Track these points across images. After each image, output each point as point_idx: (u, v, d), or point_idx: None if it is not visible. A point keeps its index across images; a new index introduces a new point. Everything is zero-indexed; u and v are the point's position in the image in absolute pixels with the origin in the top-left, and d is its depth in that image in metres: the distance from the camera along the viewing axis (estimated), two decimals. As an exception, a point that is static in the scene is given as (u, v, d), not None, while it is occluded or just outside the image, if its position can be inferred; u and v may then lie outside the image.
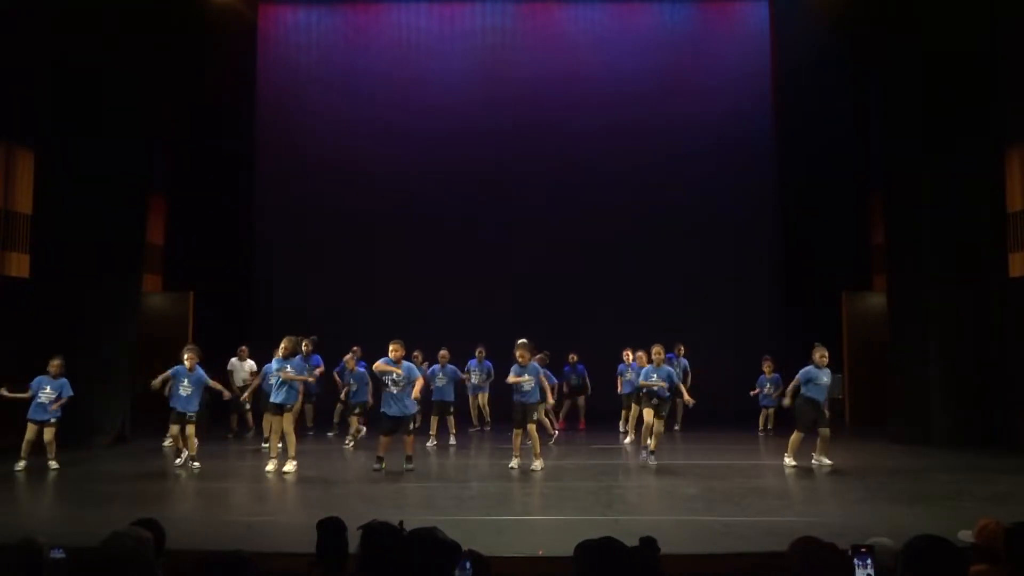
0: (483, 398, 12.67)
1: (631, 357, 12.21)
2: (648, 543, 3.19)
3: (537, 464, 9.06)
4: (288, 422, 9.22)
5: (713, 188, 15.41)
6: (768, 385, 12.50)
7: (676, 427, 12.90)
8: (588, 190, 15.39)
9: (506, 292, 15.03)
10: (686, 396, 10.15)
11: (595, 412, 13.61)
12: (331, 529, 3.49)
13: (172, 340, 12.13)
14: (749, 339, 14.49)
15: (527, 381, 9.09)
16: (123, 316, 11.71)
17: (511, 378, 9.16)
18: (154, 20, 11.87)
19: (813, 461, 9.32)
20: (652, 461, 9.44)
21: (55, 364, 9.45)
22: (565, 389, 13.30)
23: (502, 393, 12.38)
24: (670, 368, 10.04)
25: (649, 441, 9.65)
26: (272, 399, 9.29)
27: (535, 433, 9.17)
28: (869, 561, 2.89)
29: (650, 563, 3.11)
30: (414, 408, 9.20)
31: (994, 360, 11.08)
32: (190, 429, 9.39)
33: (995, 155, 11.28)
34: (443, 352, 11.64)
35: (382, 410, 9.15)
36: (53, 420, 9.38)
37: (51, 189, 11.37)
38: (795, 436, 9.33)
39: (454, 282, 15.11)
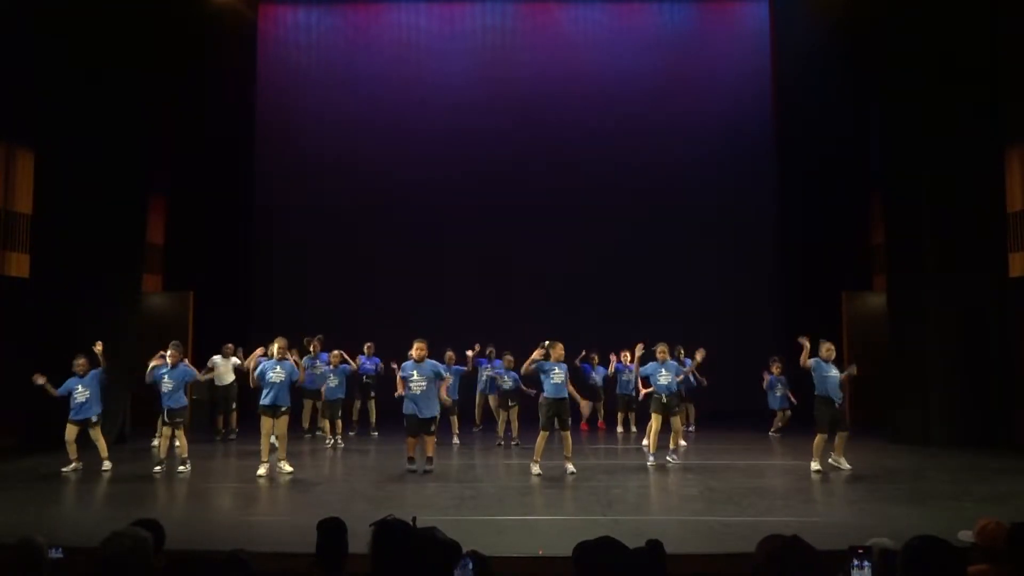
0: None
1: (629, 357, 12.31)
2: (654, 546, 3.18)
3: (536, 468, 8.91)
4: (283, 424, 9.12)
5: (713, 188, 15.41)
6: (779, 386, 12.45)
7: (691, 428, 12.69)
8: (588, 190, 15.40)
9: (506, 291, 15.03)
10: (698, 375, 10.11)
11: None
12: (331, 529, 3.49)
13: (172, 340, 12.11)
14: (750, 339, 14.50)
15: (557, 375, 8.99)
16: (123, 316, 11.71)
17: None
18: (154, 20, 11.88)
19: (831, 461, 9.24)
20: (674, 458, 9.49)
21: (80, 363, 9.33)
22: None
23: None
24: (675, 362, 10.02)
25: (673, 443, 9.70)
26: (263, 401, 9.10)
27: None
28: (867, 563, 2.88)
29: (656, 565, 3.11)
30: (437, 409, 9.21)
31: (994, 360, 11.08)
32: (178, 430, 9.35)
33: (995, 155, 11.28)
34: (449, 354, 11.67)
35: (406, 412, 9.01)
36: (94, 418, 9.24)
37: (51, 189, 11.37)
38: (817, 439, 9.10)
39: (453, 282, 15.11)
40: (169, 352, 9.46)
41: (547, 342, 9.25)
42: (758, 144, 15.66)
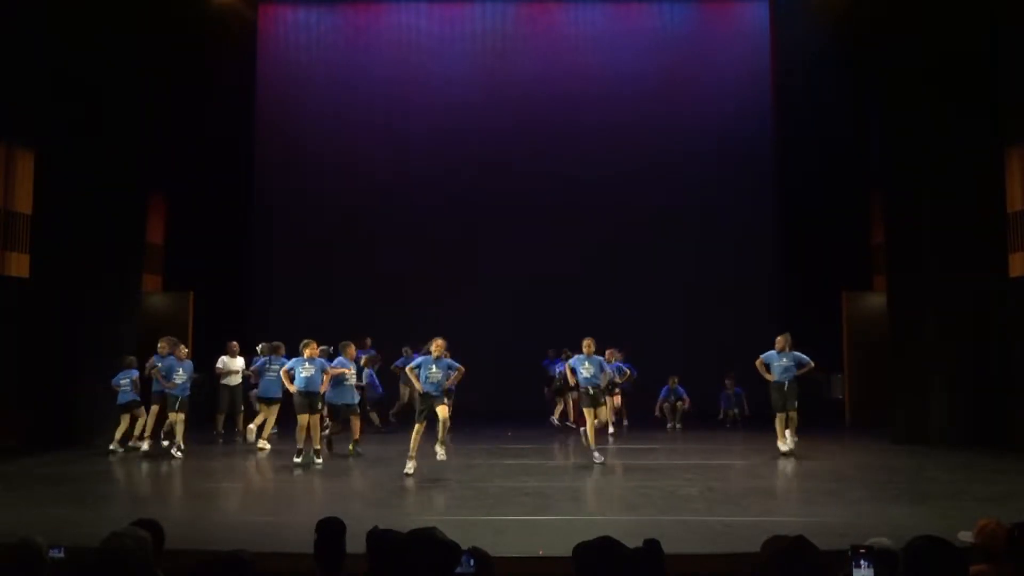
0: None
1: (616, 356, 12.76)
2: (652, 546, 3.18)
3: (410, 466, 8.70)
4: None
5: (713, 188, 15.40)
6: (733, 398, 13.65)
7: (677, 426, 13.12)
8: (588, 190, 15.38)
9: (505, 291, 15.02)
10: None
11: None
12: (330, 530, 3.50)
13: (168, 336, 12.11)
14: (749, 339, 14.45)
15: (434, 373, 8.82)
16: (123, 316, 11.71)
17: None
18: (154, 20, 11.88)
19: (789, 437, 10.01)
20: (599, 458, 9.39)
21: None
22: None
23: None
24: (600, 358, 9.98)
25: (592, 440, 9.57)
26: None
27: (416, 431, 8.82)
28: (868, 563, 2.88)
29: (655, 564, 3.11)
30: None
31: (994, 360, 11.07)
32: (182, 416, 10.30)
33: (995, 155, 11.27)
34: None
35: (350, 401, 10.04)
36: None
37: (51, 189, 11.36)
38: (776, 420, 10.16)
39: (452, 282, 15.11)
40: (182, 348, 10.66)
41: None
42: (758, 144, 15.64)
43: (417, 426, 8.73)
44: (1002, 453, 10.17)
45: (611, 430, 12.43)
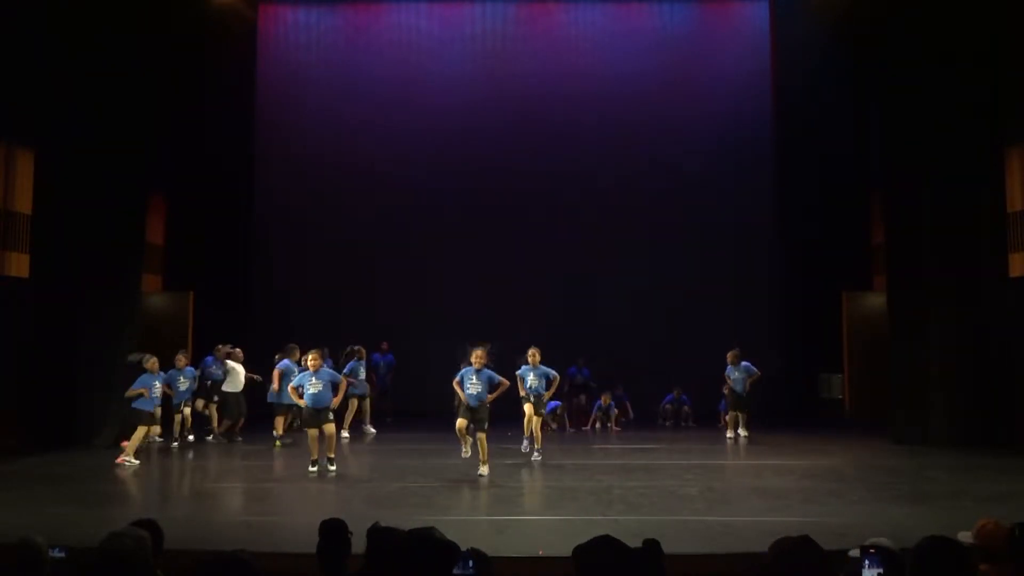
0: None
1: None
2: (651, 546, 3.18)
3: (484, 469, 8.78)
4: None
5: (713, 188, 15.39)
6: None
7: (683, 423, 13.68)
8: (588, 191, 15.38)
9: (506, 292, 15.02)
10: (547, 395, 10.23)
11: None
12: (333, 530, 3.50)
13: (172, 340, 12.11)
14: (749, 339, 14.47)
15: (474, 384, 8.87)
16: (123, 316, 11.70)
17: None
18: (154, 20, 11.87)
19: (739, 432, 11.73)
20: (537, 456, 9.72)
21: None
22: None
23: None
24: (545, 368, 10.12)
25: (531, 441, 9.94)
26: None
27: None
28: (876, 562, 2.88)
29: (654, 564, 3.11)
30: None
31: (994, 360, 11.07)
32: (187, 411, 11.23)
33: (995, 155, 11.27)
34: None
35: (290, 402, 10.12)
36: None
37: (51, 189, 11.35)
38: (730, 415, 11.97)
39: (452, 281, 15.11)
40: (180, 357, 11.33)
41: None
42: (758, 144, 15.63)
43: (481, 435, 8.72)
44: (1002, 453, 10.17)
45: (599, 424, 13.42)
